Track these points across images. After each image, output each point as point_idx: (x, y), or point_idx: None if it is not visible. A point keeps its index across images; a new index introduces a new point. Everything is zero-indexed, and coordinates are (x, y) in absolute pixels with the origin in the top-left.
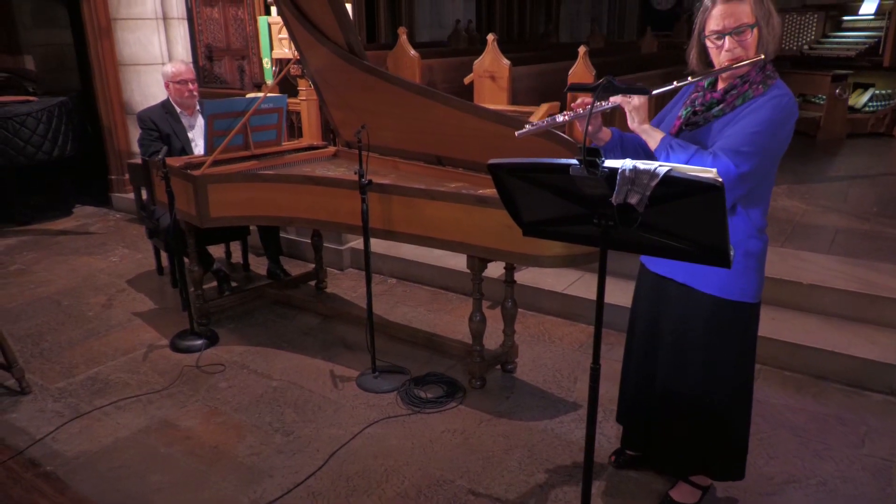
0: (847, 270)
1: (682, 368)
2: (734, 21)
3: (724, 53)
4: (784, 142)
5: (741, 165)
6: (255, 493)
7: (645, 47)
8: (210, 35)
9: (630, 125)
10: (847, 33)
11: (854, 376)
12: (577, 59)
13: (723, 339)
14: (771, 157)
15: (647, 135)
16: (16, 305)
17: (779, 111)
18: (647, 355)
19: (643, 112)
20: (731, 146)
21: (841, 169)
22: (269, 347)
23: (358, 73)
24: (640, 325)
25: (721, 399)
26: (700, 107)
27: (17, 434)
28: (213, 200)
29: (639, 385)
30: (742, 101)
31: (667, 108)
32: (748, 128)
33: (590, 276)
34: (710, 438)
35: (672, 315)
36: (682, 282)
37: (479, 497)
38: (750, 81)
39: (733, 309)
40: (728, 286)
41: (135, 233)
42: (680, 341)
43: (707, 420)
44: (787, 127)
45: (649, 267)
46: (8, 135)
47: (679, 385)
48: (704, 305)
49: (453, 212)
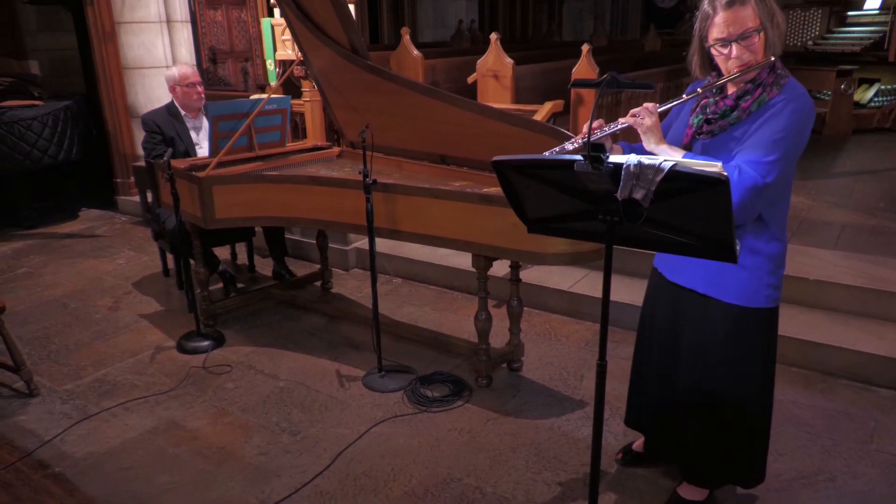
0: (854, 266)
1: (705, 376)
2: (739, 27)
3: (732, 61)
4: (804, 143)
5: (767, 176)
6: (262, 492)
7: (648, 45)
8: (213, 37)
9: (646, 146)
10: (852, 28)
11: (862, 372)
12: (581, 58)
13: (746, 345)
14: (793, 160)
15: (667, 154)
16: (24, 308)
17: (797, 114)
18: (668, 362)
19: (657, 132)
20: (754, 158)
21: (847, 164)
22: (275, 348)
23: (361, 73)
24: (660, 333)
25: (745, 404)
26: (713, 115)
27: (25, 436)
28: (219, 202)
29: (662, 391)
30: (757, 105)
31: (672, 115)
32: (769, 136)
33: (595, 274)
34: (734, 443)
35: (693, 325)
36: (702, 292)
37: (487, 495)
38: (763, 84)
39: (755, 315)
40: (750, 294)
41: (140, 235)
42: (702, 349)
43: (732, 426)
44: (807, 129)
45: (667, 276)
46: (14, 139)
47: (703, 392)
48: (726, 314)
49: (458, 211)
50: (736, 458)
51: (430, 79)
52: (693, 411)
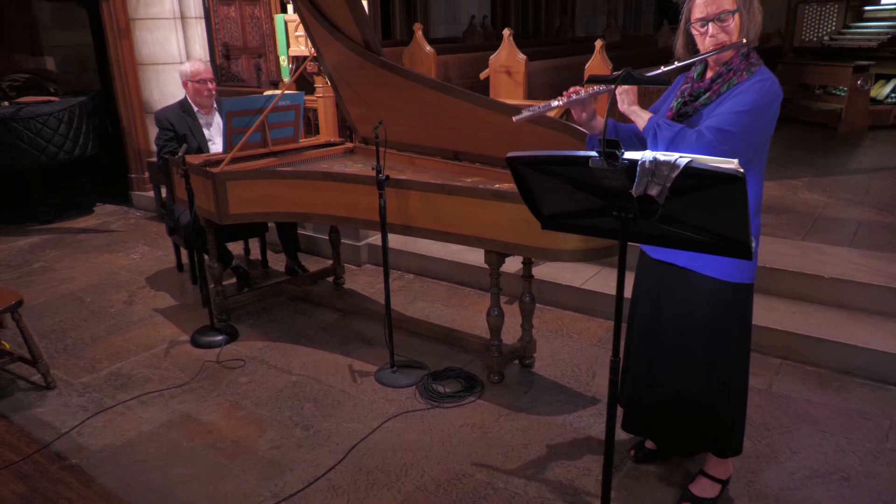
0: (870, 264)
1: (684, 350)
2: (716, 8)
3: (708, 39)
4: (770, 123)
5: (724, 143)
6: (276, 486)
7: (662, 41)
8: (227, 33)
9: (619, 107)
10: (869, 23)
11: (877, 370)
12: (594, 53)
13: (724, 319)
14: (756, 138)
15: (637, 115)
16: (40, 302)
17: (763, 94)
18: (648, 339)
19: (632, 94)
20: (715, 125)
21: (863, 161)
22: (288, 343)
23: (375, 69)
24: (642, 309)
25: (723, 377)
26: (689, 97)
27: (43, 428)
28: (233, 197)
29: (640, 366)
30: (727, 87)
31: (660, 101)
32: (733, 108)
33: (607, 270)
34: (713, 414)
35: (674, 299)
36: (683, 266)
37: (499, 491)
38: (734, 69)
39: (733, 290)
40: (728, 269)
41: (155, 230)
42: (682, 323)
43: (710, 397)
44: (771, 109)
45: (650, 253)
46: (31, 135)
47: (682, 365)
48: (705, 288)
49: (470, 206)
50: (711, 426)
51: (443, 75)
52: (670, 381)
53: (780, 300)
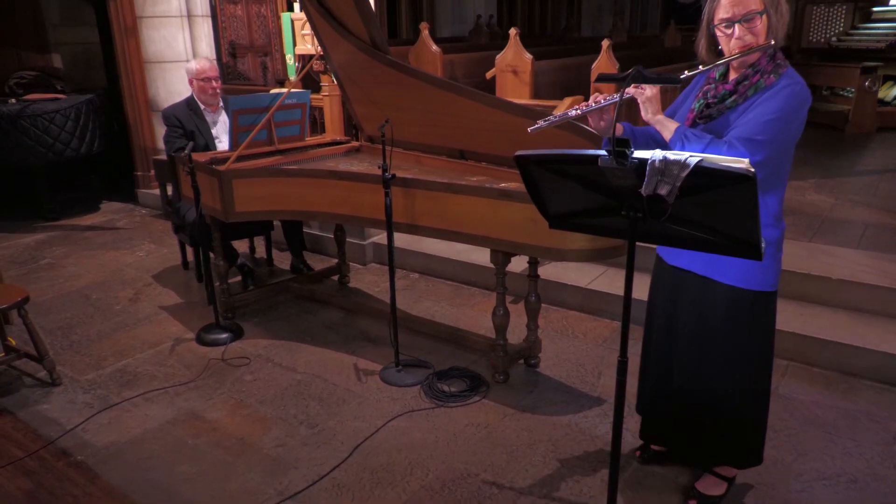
0: (877, 265)
1: (701, 359)
2: (743, 9)
3: (734, 41)
4: (798, 129)
5: (755, 154)
6: (280, 484)
7: (668, 41)
8: (233, 32)
9: (644, 116)
10: (877, 24)
11: (884, 372)
12: (601, 53)
13: (742, 329)
14: (785, 145)
15: (662, 125)
16: (46, 299)
17: (792, 99)
18: (665, 347)
19: (656, 103)
20: (745, 135)
21: (871, 163)
22: (293, 341)
23: (381, 67)
24: (659, 317)
25: (741, 389)
26: (713, 99)
27: (48, 424)
28: (238, 195)
29: (659, 376)
30: (754, 91)
31: (678, 101)
32: (762, 116)
33: (613, 271)
34: (730, 427)
35: (691, 307)
36: (701, 273)
37: (503, 491)
38: (761, 71)
39: (752, 298)
40: (747, 276)
41: (161, 228)
42: (699, 333)
43: (727, 409)
44: (800, 115)
45: (667, 259)
46: (37, 132)
47: (699, 376)
48: (723, 296)
49: (476, 206)
50: (729, 439)
51: (449, 74)
52: (687, 392)
53: (786, 302)
